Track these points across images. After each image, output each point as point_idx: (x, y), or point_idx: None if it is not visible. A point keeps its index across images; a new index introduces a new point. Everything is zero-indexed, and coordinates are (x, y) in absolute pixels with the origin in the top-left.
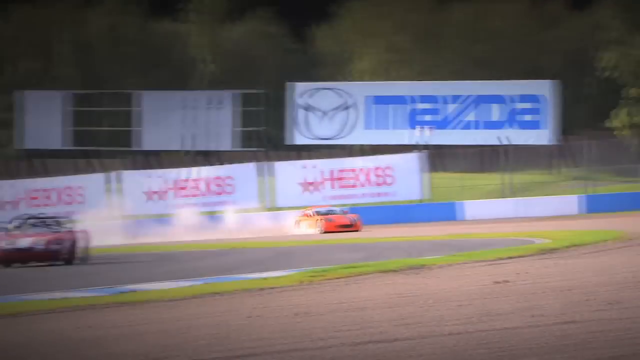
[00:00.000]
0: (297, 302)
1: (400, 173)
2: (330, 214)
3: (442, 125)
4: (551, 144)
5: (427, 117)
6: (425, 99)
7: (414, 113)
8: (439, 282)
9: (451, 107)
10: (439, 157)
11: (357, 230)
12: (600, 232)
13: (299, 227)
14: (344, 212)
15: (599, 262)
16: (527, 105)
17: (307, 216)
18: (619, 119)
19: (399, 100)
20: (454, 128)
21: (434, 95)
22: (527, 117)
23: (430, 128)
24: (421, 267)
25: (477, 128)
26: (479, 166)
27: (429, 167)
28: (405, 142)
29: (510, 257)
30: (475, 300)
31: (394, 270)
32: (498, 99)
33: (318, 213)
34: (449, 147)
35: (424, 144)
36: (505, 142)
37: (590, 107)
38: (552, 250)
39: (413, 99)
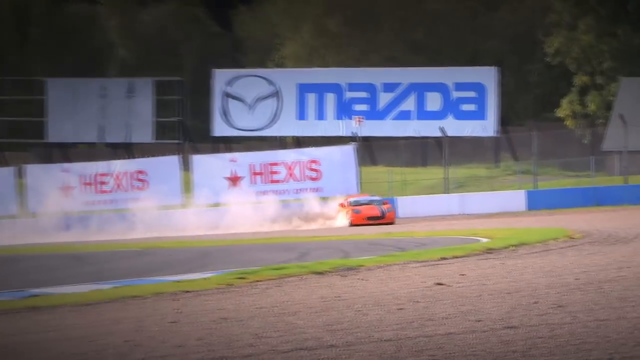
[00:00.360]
0: (223, 306)
1: (334, 167)
2: (360, 205)
3: (377, 115)
4: (495, 135)
5: (362, 107)
6: (359, 87)
7: (347, 102)
8: (377, 283)
9: (387, 96)
10: (375, 150)
11: (389, 223)
12: (547, 230)
13: (337, 218)
14: (381, 202)
15: (546, 262)
16: (469, 94)
17: (342, 206)
18: (563, 109)
19: (331, 88)
20: (390, 118)
21: (369, 82)
22: (469, 107)
23: (360, 118)
24: (358, 267)
25: (415, 118)
26: (418, 159)
27: (363, 161)
28: (340, 133)
29: (454, 257)
30: (417, 303)
31: (329, 272)
32: (437, 87)
33: (350, 204)
34: (385, 139)
35: (358, 135)
36: (445, 134)
37: (538, 96)
38: (497, 250)
39: (346, 87)
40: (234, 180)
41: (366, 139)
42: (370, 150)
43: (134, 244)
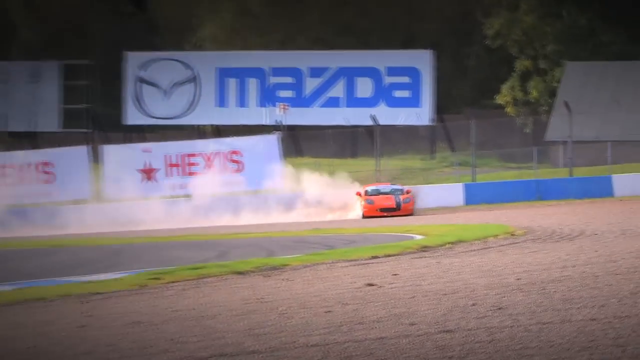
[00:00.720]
0: (136, 309)
1: (257, 158)
2: (377, 194)
3: (303, 102)
4: (430, 124)
5: (287, 93)
6: (284, 71)
7: (271, 88)
8: (304, 284)
9: (314, 82)
10: (301, 140)
11: (406, 214)
12: (486, 226)
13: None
14: (401, 192)
15: (485, 261)
16: (402, 80)
17: (359, 195)
18: (503, 95)
19: (254, 73)
20: (317, 106)
21: (294, 67)
22: (402, 93)
23: (285, 106)
24: (282, 267)
25: (344, 106)
26: (347, 150)
27: (288, 152)
28: (263, 121)
29: (386, 256)
30: (346, 305)
31: (251, 271)
32: (368, 72)
33: (367, 193)
34: (312, 128)
35: (282, 124)
36: (377, 122)
37: (476, 82)
38: (433, 248)
39: (270, 72)
40: (148, 172)
41: (291, 128)
42: (296, 140)
43: (38, 242)
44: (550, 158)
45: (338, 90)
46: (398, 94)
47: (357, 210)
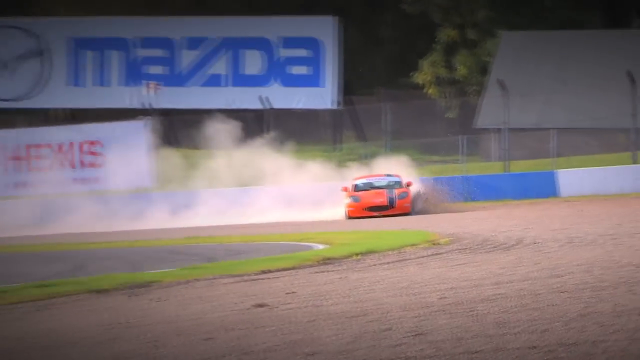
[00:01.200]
0: None
1: (119, 150)
2: (367, 189)
3: (178, 80)
4: (334, 107)
5: (157, 69)
6: (153, 42)
7: (138, 62)
8: (178, 305)
9: (191, 55)
10: (176, 128)
11: (402, 213)
12: (403, 233)
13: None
14: (398, 185)
15: (402, 276)
16: (300, 53)
17: (345, 191)
18: (423, 73)
19: (116, 44)
20: (195, 85)
21: (166, 37)
22: (300, 70)
23: (156, 85)
24: (152, 284)
25: (228, 85)
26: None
27: (160, 141)
28: (128, 104)
29: (280, 270)
30: (231, 331)
31: (113, 290)
32: (258, 44)
33: (356, 187)
34: (190, 113)
35: (152, 107)
36: (269, 105)
37: (391, 56)
38: (337, 260)
39: (137, 43)
40: None
41: (164, 112)
42: (170, 128)
43: None
44: (481, 149)
45: (221, 65)
46: (295, 70)
47: (340, 210)
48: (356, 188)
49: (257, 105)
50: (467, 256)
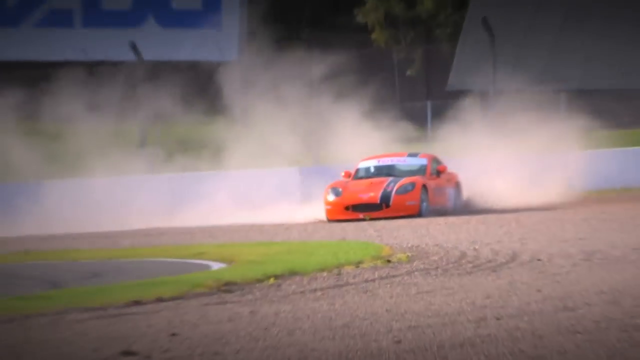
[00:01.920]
0: None
1: None
2: (365, 177)
3: (7, 18)
4: (236, 59)
5: None
6: None
7: None
8: (7, 356)
9: None
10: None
11: (405, 215)
12: (343, 245)
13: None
14: (419, 171)
15: (338, 309)
16: None
17: (347, 177)
18: (366, 10)
19: None
20: (31, 25)
21: None
22: (187, 4)
23: None
24: None
25: (80, 25)
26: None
27: None
28: None
29: (159, 300)
30: None
31: None
32: None
33: (356, 174)
34: (21, 67)
35: None
36: (140, 56)
37: None
38: (243, 285)
39: None
40: None
41: None
42: None
43: None
44: (456, 121)
45: None
46: (178, 4)
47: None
48: (357, 174)
49: (123, 55)
50: (436, 280)
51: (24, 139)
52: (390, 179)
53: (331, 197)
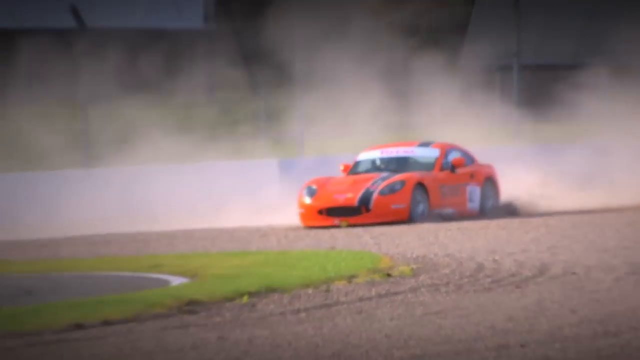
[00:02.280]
0: None
1: None
2: (364, 172)
3: None
4: (203, 27)
5: None
6: None
7: None
8: None
9: None
10: None
11: (388, 221)
12: (335, 255)
13: None
14: (429, 165)
15: (326, 334)
16: None
17: (345, 172)
18: None
19: None
20: None
21: None
22: None
23: None
24: None
25: None
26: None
27: None
28: None
29: (107, 323)
30: None
31: None
32: None
33: (354, 168)
34: None
35: None
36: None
37: None
38: (209, 305)
39: None
40: None
41: None
42: None
43: None
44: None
45: None
46: None
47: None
48: (354, 168)
49: (63, 22)
50: (447, 298)
51: None
52: (381, 175)
53: (305, 198)
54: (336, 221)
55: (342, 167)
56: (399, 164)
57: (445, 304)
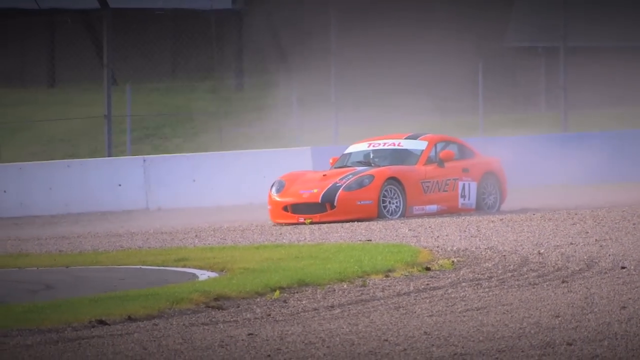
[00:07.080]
0: None
1: None
2: (350, 166)
3: None
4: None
5: None
6: None
7: None
8: None
9: None
10: None
11: (354, 218)
12: (371, 248)
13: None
14: (417, 158)
15: (362, 331)
16: None
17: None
18: None
19: None
20: None
21: None
22: None
23: None
24: None
25: None
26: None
27: None
28: None
29: (131, 320)
30: None
31: None
32: None
33: (345, 161)
34: None
35: None
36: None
37: None
38: (237, 300)
39: None
40: None
41: None
42: None
43: None
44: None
45: None
46: None
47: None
48: (340, 162)
49: (86, 3)
50: (489, 294)
51: None
52: (354, 170)
53: (273, 194)
54: (301, 218)
55: (330, 160)
56: (386, 157)
57: (488, 299)
